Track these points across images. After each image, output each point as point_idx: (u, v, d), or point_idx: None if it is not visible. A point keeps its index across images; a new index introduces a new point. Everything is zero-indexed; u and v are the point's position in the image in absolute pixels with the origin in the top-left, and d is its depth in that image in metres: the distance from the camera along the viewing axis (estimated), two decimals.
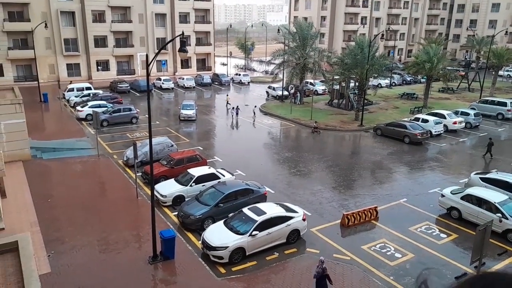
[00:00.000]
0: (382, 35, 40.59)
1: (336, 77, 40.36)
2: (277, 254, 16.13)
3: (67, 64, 54.25)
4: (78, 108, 36.39)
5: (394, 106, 43.96)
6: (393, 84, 56.49)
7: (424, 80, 48.77)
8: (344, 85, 41.32)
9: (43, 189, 20.98)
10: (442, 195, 19.95)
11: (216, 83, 55.99)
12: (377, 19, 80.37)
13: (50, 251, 15.53)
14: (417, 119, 33.81)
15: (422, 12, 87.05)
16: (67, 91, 42.63)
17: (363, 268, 15.30)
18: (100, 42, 56.01)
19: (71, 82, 47.51)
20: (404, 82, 58.65)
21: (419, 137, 30.75)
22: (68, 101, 41.36)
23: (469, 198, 18.79)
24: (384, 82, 54.00)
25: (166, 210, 19.51)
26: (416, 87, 54.83)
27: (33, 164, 24.18)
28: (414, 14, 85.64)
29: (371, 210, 19.16)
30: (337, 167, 26.17)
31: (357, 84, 39.34)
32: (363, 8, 77.50)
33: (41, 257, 14.90)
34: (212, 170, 21.52)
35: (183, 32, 14.45)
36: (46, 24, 45.89)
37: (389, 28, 74.76)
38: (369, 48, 35.62)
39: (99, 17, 55.33)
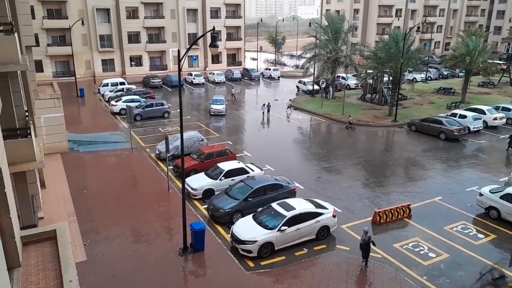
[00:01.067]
0: (418, 27, 39.13)
1: (369, 71, 39.44)
2: (306, 250, 15.98)
3: (102, 60, 55.87)
4: (113, 102, 37.42)
5: (429, 101, 42.45)
6: (429, 78, 54.50)
7: (462, 74, 46.80)
8: (377, 79, 40.29)
9: (79, 181, 21.74)
10: (480, 194, 19.09)
11: (246, 78, 56.03)
12: (413, 11, 77.65)
13: (86, 240, 16.09)
14: (454, 115, 32.52)
15: (461, 3, 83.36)
16: (102, 86, 43.91)
17: (395, 267, 14.90)
18: (134, 38, 57.27)
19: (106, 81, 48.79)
20: (441, 76, 56.48)
21: (456, 133, 29.56)
22: (103, 95, 42.62)
23: (509, 198, 17.88)
24: (420, 76, 52.21)
25: (196, 203, 19.74)
26: (453, 81, 52.69)
27: (70, 156, 25.09)
28: (452, 5, 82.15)
29: (404, 208, 18.61)
30: (369, 163, 25.59)
31: (391, 78, 38.25)
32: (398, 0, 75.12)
33: (77, 245, 15.45)
34: (241, 165, 21.57)
35: (214, 27, 14.43)
36: (82, 21, 47.36)
37: (425, 20, 72.14)
38: (404, 41, 34.48)
39: (132, 13, 56.55)
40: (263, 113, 36.37)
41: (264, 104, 36.71)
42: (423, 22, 69.69)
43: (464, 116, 31.78)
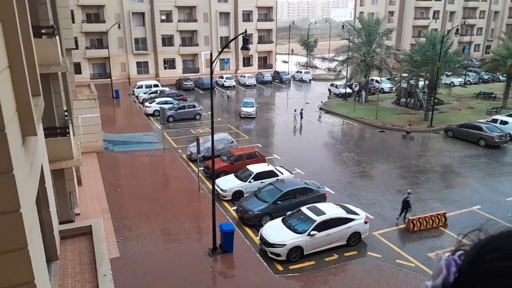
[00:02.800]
0: (457, 30, 37.83)
1: (404, 74, 38.38)
2: (337, 255, 15.67)
3: (136, 62, 57.41)
4: (146, 104, 38.32)
5: (468, 106, 40.81)
6: (468, 82, 52.43)
7: (504, 78, 44.68)
8: (413, 83, 39.16)
9: (114, 179, 22.35)
10: None
11: (277, 80, 55.95)
12: (452, 13, 75.13)
13: (119, 237, 16.48)
14: (494, 121, 31.08)
15: (503, 4, 79.85)
16: (137, 88, 45.09)
17: (429, 277, 14.25)
18: (167, 41, 58.53)
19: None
20: (481, 80, 54.16)
21: (496, 140, 28.22)
22: (137, 97, 43.75)
23: None
24: (458, 80, 50.25)
25: (226, 204, 19.82)
26: (494, 86, 50.39)
27: (105, 155, 25.87)
28: (493, 7, 78.83)
29: (439, 216, 17.92)
30: (403, 169, 24.85)
31: (427, 82, 37.08)
32: (436, 1, 72.89)
33: (111, 242, 15.85)
34: (270, 167, 21.49)
35: (246, 30, 14.50)
36: (119, 25, 48.90)
37: (464, 23, 69.69)
38: (441, 44, 33.34)
39: (166, 17, 57.84)
40: (295, 118, 34.57)
41: (295, 110, 35.04)
42: (462, 24, 67.32)
43: (506, 122, 30.31)
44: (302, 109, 35.33)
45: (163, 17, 57.57)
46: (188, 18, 59.25)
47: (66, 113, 14.58)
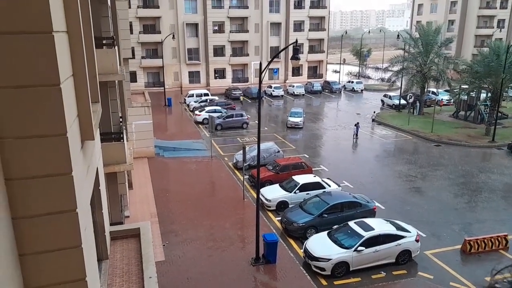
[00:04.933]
0: None
1: (465, 86, 36.36)
2: (384, 273, 14.98)
3: (189, 72, 59.33)
4: (196, 112, 39.39)
5: None
6: None
7: None
8: (473, 95, 36.97)
9: (162, 184, 23.06)
10: None
11: (327, 90, 55.25)
12: None
13: (165, 241, 16.91)
14: None
15: None
16: (188, 97, 46.53)
17: None
18: (219, 51, 59.98)
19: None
20: None
21: None
22: (188, 105, 45.12)
23: None
24: None
25: (270, 214, 19.71)
26: None
27: (155, 161, 26.82)
28: None
29: (499, 238, 16.59)
30: (461, 186, 23.39)
31: (489, 94, 34.83)
32: (501, 9, 68.65)
33: (157, 245, 16.30)
34: (317, 179, 21.11)
35: (296, 40, 14.42)
36: (173, 36, 50.88)
37: None
38: (507, 55, 31.21)
39: (219, 27, 59.37)
40: (354, 134, 32.74)
41: (356, 124, 33.29)
42: None
43: None
44: (358, 123, 33.81)
45: (216, 28, 59.17)
46: (240, 29, 60.39)
47: (121, 119, 15.29)
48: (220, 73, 60.88)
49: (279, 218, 18.86)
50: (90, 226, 5.44)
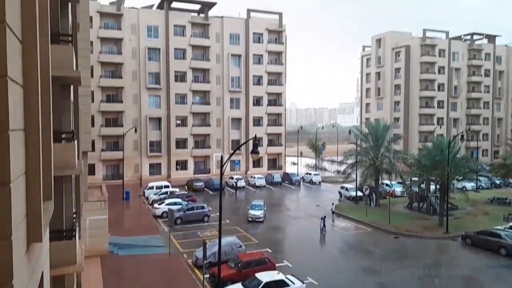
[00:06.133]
0: (462, 136, 38.73)
1: (415, 179, 38.34)
2: None
3: (150, 164, 58.93)
4: (156, 205, 38.19)
5: (483, 212, 39.65)
6: (480, 187, 51.87)
7: None
8: (424, 187, 38.88)
9: (116, 286, 21.09)
10: None
11: (287, 182, 56.21)
12: (455, 119, 78.24)
13: None
14: None
15: (505, 112, 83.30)
16: (147, 189, 45.46)
17: None
18: (181, 143, 60.80)
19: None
20: (493, 185, 53.60)
21: None
22: (147, 198, 43.84)
23: None
24: (470, 185, 49.74)
25: None
26: (507, 191, 49.61)
27: (109, 260, 24.88)
28: (496, 114, 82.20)
29: None
30: (421, 279, 23.18)
31: (438, 186, 36.80)
32: (439, 109, 76.46)
33: None
34: (281, 276, 20.25)
35: (255, 136, 15.00)
36: (136, 129, 51.46)
37: (469, 129, 71.94)
38: (449, 149, 33.88)
39: (182, 121, 61.00)
40: (321, 228, 32.12)
41: (322, 217, 32.94)
42: (467, 130, 69.36)
43: None
44: (325, 216, 33.65)
45: (179, 122, 60.76)
46: (202, 123, 62.37)
47: (74, 216, 14.42)
48: (182, 165, 60.90)
49: None
50: None
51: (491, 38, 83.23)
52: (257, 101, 65.73)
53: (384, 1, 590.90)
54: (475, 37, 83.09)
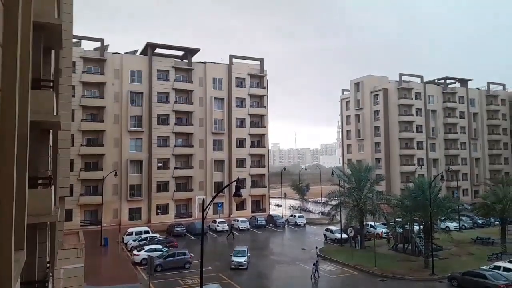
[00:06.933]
0: (442, 176, 39.41)
1: (398, 219, 38.32)
2: None
3: (129, 209, 57.30)
4: (135, 252, 36.73)
5: (468, 252, 39.62)
6: (463, 227, 52.13)
7: (498, 222, 44.72)
8: (408, 228, 38.81)
9: None
10: None
11: (271, 224, 55.33)
12: (435, 160, 79.94)
13: None
14: (497, 268, 29.78)
15: (482, 152, 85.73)
16: (126, 235, 43.89)
17: None
18: (162, 187, 59.72)
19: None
20: (475, 225, 54.00)
21: None
22: (126, 244, 42.21)
23: None
24: (453, 225, 49.95)
25: None
26: (490, 230, 49.97)
27: None
28: (474, 154, 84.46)
29: None
30: None
31: (422, 227, 36.81)
32: (419, 150, 78.20)
33: None
34: None
35: (238, 178, 14.84)
36: (116, 173, 50.48)
37: (449, 169, 73.40)
38: (430, 190, 34.27)
39: (163, 164, 60.29)
40: (312, 273, 30.99)
41: (315, 263, 31.89)
42: (446, 171, 70.73)
43: (509, 269, 28.99)
44: (316, 260, 33.00)
45: (160, 165, 60.05)
46: (184, 166, 61.77)
47: (48, 265, 13.63)
48: (162, 209, 59.49)
49: None
50: None
51: (464, 82, 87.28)
52: (240, 143, 65.98)
53: (364, 49, 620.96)
54: (448, 81, 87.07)
